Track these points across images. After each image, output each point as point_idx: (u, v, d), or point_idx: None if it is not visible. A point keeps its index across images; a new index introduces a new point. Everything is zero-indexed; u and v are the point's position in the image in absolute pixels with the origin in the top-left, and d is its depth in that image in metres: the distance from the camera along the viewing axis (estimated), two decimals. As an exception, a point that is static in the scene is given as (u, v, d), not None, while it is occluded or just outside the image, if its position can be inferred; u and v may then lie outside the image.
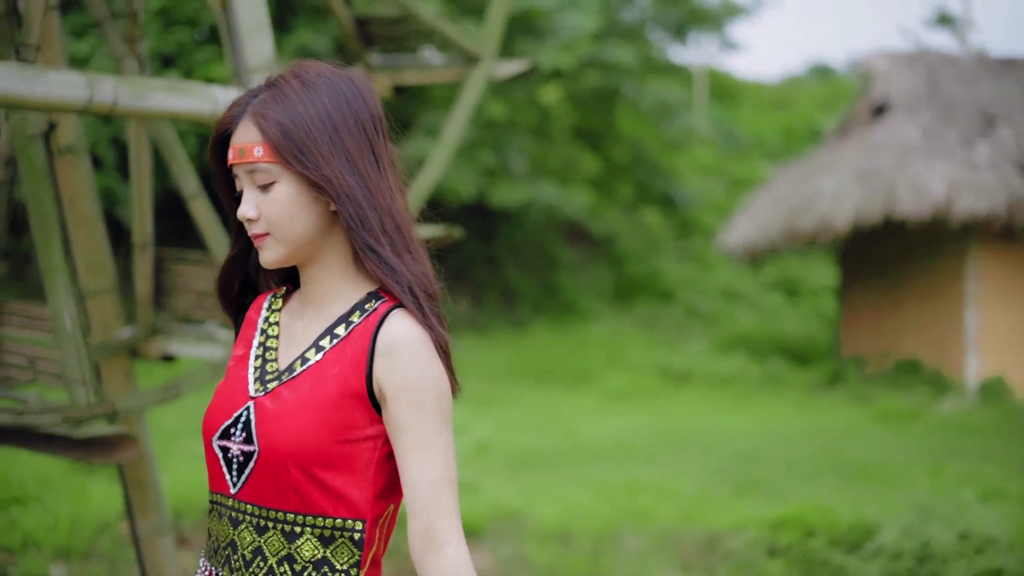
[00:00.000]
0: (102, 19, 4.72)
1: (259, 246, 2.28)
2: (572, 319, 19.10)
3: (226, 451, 2.28)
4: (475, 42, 5.61)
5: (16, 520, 7.25)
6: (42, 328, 4.46)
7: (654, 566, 7.23)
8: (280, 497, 2.22)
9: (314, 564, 2.23)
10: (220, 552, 2.31)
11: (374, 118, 2.28)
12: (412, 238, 2.28)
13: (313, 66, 2.29)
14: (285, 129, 2.20)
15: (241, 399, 2.30)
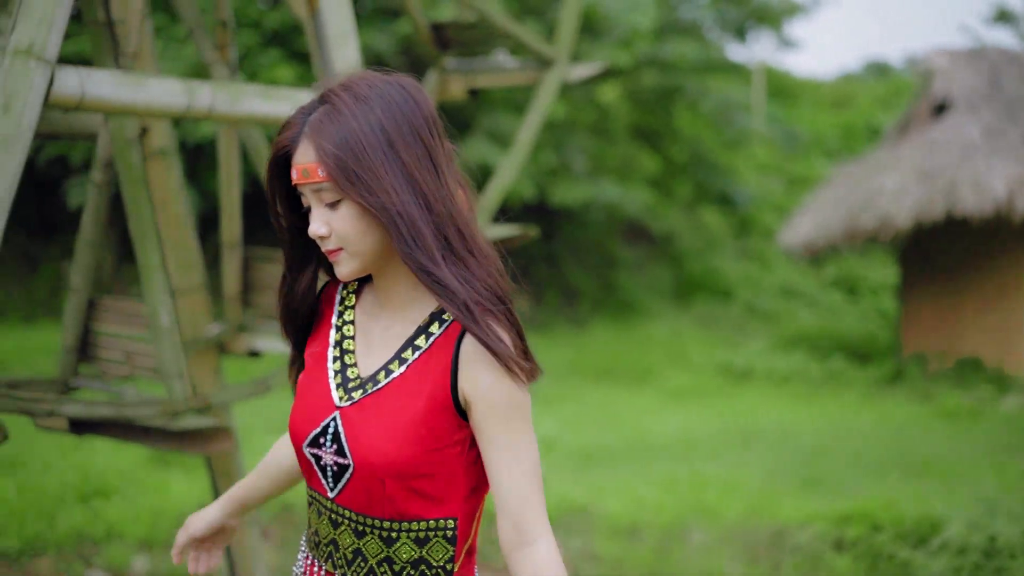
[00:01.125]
0: (193, 27, 4.90)
1: (334, 261, 2.30)
2: (632, 317, 19.19)
3: (318, 459, 2.33)
4: (549, 46, 5.74)
5: (99, 512, 7.46)
6: (138, 324, 4.63)
7: (721, 560, 7.32)
8: (376, 506, 2.29)
9: (412, 564, 2.31)
10: (322, 547, 2.39)
11: (428, 121, 2.28)
12: (475, 239, 2.28)
13: (365, 77, 2.30)
14: (340, 154, 2.20)
15: (326, 407, 2.34)
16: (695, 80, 19.79)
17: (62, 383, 4.69)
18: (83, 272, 4.73)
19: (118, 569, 6.87)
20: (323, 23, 4.37)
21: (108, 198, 4.68)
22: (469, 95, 5.87)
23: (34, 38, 3.55)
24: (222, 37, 4.89)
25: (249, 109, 4.05)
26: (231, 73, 4.90)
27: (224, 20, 4.87)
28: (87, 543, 7.11)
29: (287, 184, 2.35)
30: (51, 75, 3.59)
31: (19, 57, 3.53)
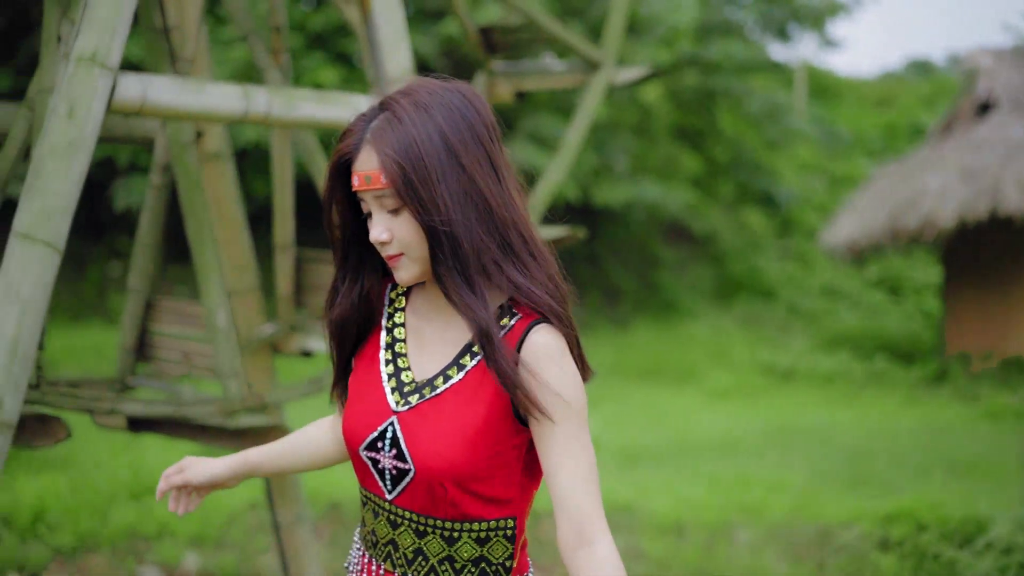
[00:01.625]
0: (248, 32, 4.98)
1: (394, 266, 2.31)
2: (674, 317, 19.20)
3: (376, 462, 2.35)
4: (596, 48, 5.80)
5: (150, 509, 7.57)
6: (194, 324, 4.73)
7: (766, 558, 7.36)
8: (437, 508, 2.30)
9: (472, 562, 2.34)
10: (380, 547, 2.40)
11: (489, 128, 2.30)
12: (536, 242, 2.31)
13: (424, 84, 2.31)
14: (401, 162, 2.21)
15: (382, 411, 2.35)
16: (737, 80, 19.78)
17: (120, 382, 4.79)
18: (141, 274, 4.83)
19: (170, 565, 6.98)
20: (375, 27, 4.44)
21: (166, 200, 4.78)
22: (516, 97, 5.93)
23: (97, 46, 3.64)
24: (276, 42, 4.97)
25: (304, 114, 4.14)
26: (284, 78, 4.98)
27: (278, 25, 4.95)
28: (139, 540, 7.22)
29: (346, 191, 2.36)
30: (114, 82, 3.68)
31: (83, 64, 3.63)
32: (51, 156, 3.59)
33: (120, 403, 4.21)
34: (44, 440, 3.93)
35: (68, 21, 4.19)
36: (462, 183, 2.22)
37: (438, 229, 2.21)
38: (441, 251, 2.23)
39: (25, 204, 3.58)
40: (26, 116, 4.21)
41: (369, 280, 2.43)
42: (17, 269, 3.55)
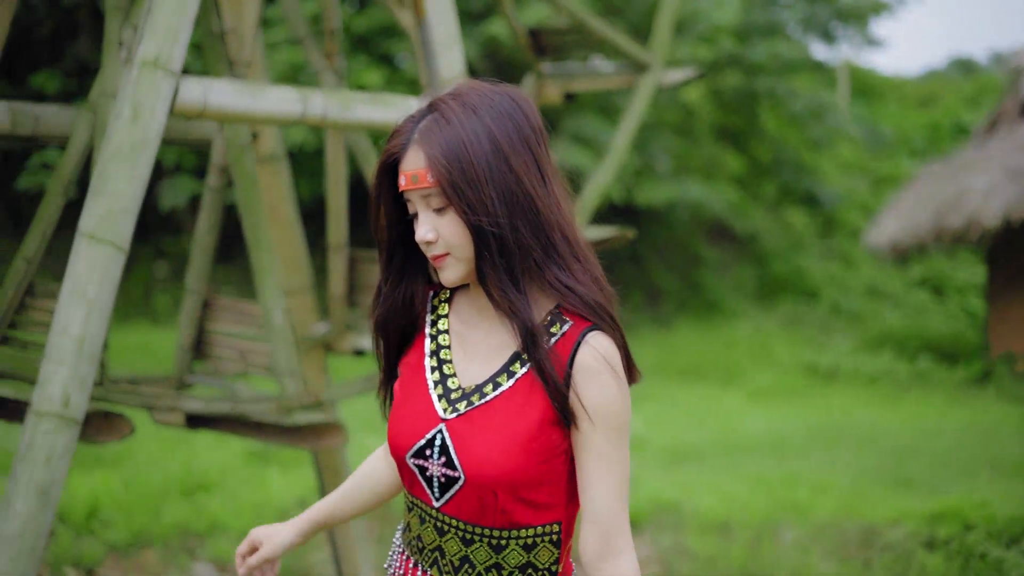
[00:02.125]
0: (302, 36, 5.06)
1: (439, 266, 2.32)
2: (716, 317, 19.20)
3: (423, 469, 2.34)
4: (644, 50, 5.85)
5: (203, 506, 7.68)
6: (251, 323, 4.80)
7: (813, 557, 7.38)
8: (485, 516, 2.31)
9: (519, 568, 2.34)
10: (427, 553, 2.40)
11: (536, 131, 2.31)
12: (581, 246, 2.32)
13: (473, 87, 2.33)
14: (448, 162, 2.23)
15: (430, 419, 2.35)
16: (780, 79, 19.75)
17: (178, 380, 4.87)
18: (198, 274, 4.91)
19: (223, 562, 7.07)
20: (429, 29, 4.51)
21: (222, 202, 4.86)
22: (565, 99, 5.99)
23: (160, 50, 3.72)
24: (330, 45, 5.05)
25: (359, 116, 4.21)
26: (339, 80, 5.05)
27: (332, 29, 5.03)
28: (192, 536, 7.32)
29: (393, 191, 2.38)
30: (176, 85, 3.76)
31: (146, 68, 3.71)
32: (116, 158, 3.67)
33: (180, 400, 4.30)
34: (108, 436, 4.02)
35: (129, 26, 4.28)
36: (508, 184, 2.24)
37: (484, 229, 2.22)
38: (487, 250, 2.24)
39: (90, 205, 3.66)
40: (88, 119, 4.30)
41: (414, 282, 2.45)
42: (83, 269, 3.64)
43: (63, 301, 3.63)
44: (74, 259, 3.65)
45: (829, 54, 26.30)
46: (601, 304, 2.30)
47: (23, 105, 4.45)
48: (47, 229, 4.33)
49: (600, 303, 2.29)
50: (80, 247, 3.65)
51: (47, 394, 3.59)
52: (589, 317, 2.29)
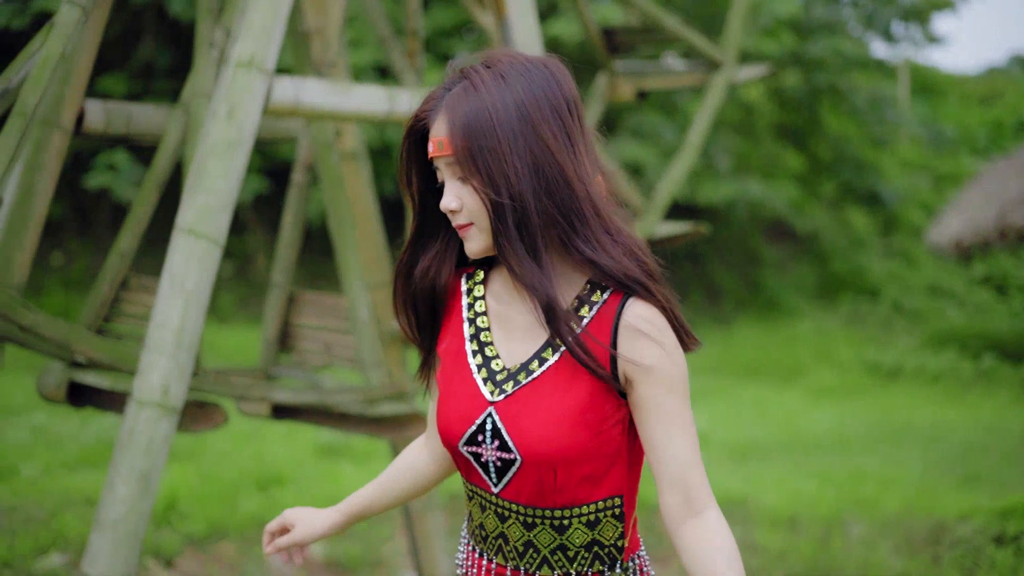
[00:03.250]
0: (385, 36, 5.17)
1: (464, 236, 2.28)
2: (776, 316, 19.18)
3: (478, 456, 2.30)
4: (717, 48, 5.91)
5: (276, 499, 7.81)
6: (335, 317, 4.92)
7: (881, 552, 7.40)
8: (544, 497, 2.27)
9: (585, 547, 2.31)
10: (490, 541, 2.37)
11: (569, 102, 2.25)
12: (611, 220, 2.25)
13: (506, 55, 2.28)
14: (468, 131, 2.19)
15: (478, 404, 2.30)
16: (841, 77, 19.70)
17: (263, 372, 4.99)
18: (284, 268, 5.03)
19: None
20: (510, 29, 4.59)
21: (307, 199, 4.98)
22: (638, 97, 6.06)
23: (255, 50, 3.83)
24: (412, 45, 5.15)
25: (444, 113, 4.29)
26: (419, 79, 5.16)
27: (414, 29, 5.13)
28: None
29: (422, 158, 2.34)
30: (269, 84, 3.87)
31: (241, 68, 3.82)
32: (212, 155, 3.78)
33: (269, 391, 4.41)
34: (203, 425, 4.13)
35: (220, 28, 4.40)
36: (534, 155, 2.18)
37: (501, 201, 2.18)
38: (502, 223, 2.19)
39: (188, 201, 3.78)
40: (181, 118, 4.42)
41: (445, 252, 2.41)
42: (181, 262, 3.75)
43: (162, 294, 3.75)
44: (172, 253, 3.77)
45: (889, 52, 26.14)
46: (634, 276, 2.23)
47: (117, 104, 4.57)
48: (141, 225, 4.45)
49: (632, 275, 2.23)
50: (178, 241, 3.77)
51: (148, 384, 3.70)
52: (625, 287, 2.24)
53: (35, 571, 6.44)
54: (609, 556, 2.33)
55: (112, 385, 4.24)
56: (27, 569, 6.44)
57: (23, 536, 6.69)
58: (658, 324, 2.23)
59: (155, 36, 17.70)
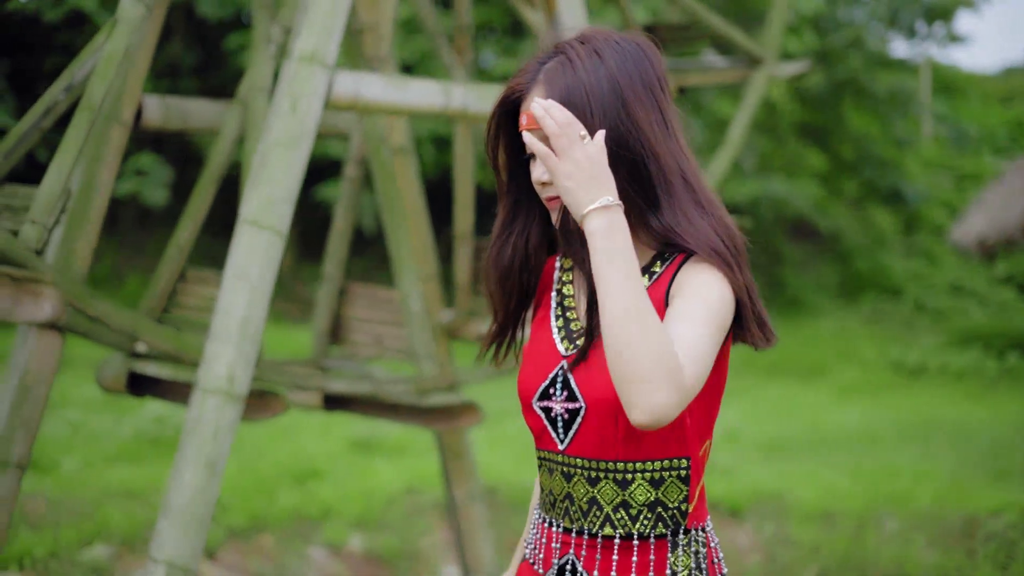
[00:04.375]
0: (435, 32, 5.24)
1: (553, 208, 2.32)
2: (799, 314, 19.19)
3: (548, 411, 2.34)
4: (758, 45, 5.96)
5: (314, 493, 7.89)
6: (387, 309, 4.99)
7: (915, 546, 7.45)
8: (607, 448, 2.29)
9: (648, 506, 2.30)
10: (558, 505, 2.38)
11: (660, 80, 2.29)
12: (704, 192, 2.29)
13: (599, 31, 2.31)
14: (572, 97, 2.22)
15: (553, 359, 2.34)
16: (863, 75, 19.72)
17: (315, 363, 5.06)
18: (336, 262, 5.10)
19: (336, 546, 7.27)
20: (560, 27, 4.65)
21: (359, 193, 5.05)
22: (678, 93, 6.11)
23: (317, 45, 3.91)
24: (461, 41, 5.22)
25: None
26: (468, 75, 5.22)
27: (464, 24, 5.20)
28: (305, 522, 7.52)
29: (511, 132, 2.36)
30: (330, 79, 3.94)
31: (303, 63, 3.89)
32: (275, 148, 3.86)
33: (326, 381, 4.49)
34: (263, 413, 4.21)
35: (277, 24, 4.48)
36: (626, 129, 2.23)
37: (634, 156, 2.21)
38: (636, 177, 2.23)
39: (251, 193, 3.86)
40: (238, 112, 4.50)
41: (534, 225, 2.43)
42: (245, 253, 3.83)
43: (226, 284, 3.82)
44: (236, 244, 3.84)
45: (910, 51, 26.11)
46: (716, 248, 2.24)
47: (174, 100, 4.66)
48: (199, 218, 4.53)
49: (715, 247, 2.24)
50: (242, 233, 3.84)
51: (213, 372, 3.78)
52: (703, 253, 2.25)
53: (80, 562, 6.53)
54: (673, 520, 2.32)
55: (173, 375, 4.32)
56: (73, 560, 6.53)
57: (67, 528, 6.77)
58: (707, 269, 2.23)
59: (183, 35, 17.81)
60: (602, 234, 2.11)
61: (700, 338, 2.15)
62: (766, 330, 2.32)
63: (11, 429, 4.20)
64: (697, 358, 2.13)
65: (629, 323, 2.07)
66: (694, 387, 2.12)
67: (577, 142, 2.15)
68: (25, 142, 4.00)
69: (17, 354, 4.24)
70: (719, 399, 2.39)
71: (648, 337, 2.06)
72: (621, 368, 2.07)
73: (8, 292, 3.80)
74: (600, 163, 2.15)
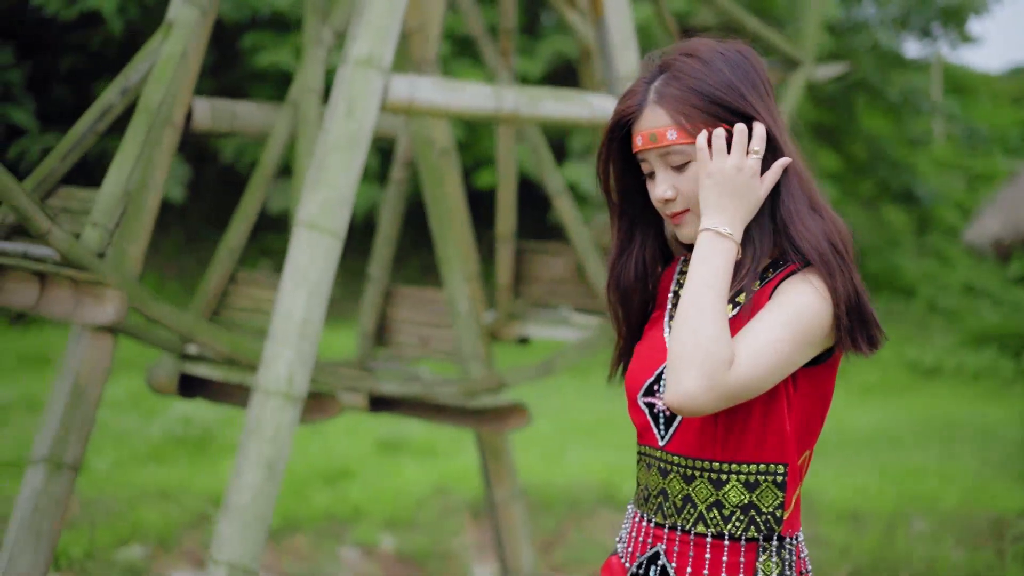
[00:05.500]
0: (478, 35, 5.26)
1: (679, 223, 2.35)
2: (813, 314, 19.19)
3: (652, 407, 2.37)
4: (795, 47, 5.97)
5: (344, 493, 7.91)
6: (433, 310, 5.01)
7: (944, 547, 7.47)
8: (705, 447, 2.31)
9: (741, 508, 2.31)
10: (652, 500, 2.41)
11: (765, 84, 2.34)
12: (816, 194, 2.34)
13: (703, 42, 2.35)
14: (695, 106, 2.27)
15: (660, 356, 2.37)
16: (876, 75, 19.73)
17: (359, 365, 5.09)
18: (381, 264, 5.12)
19: (367, 547, 7.29)
20: (607, 30, 4.67)
21: (406, 195, 5.07)
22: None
23: (373, 49, 3.93)
24: (506, 44, 5.24)
25: (547, 111, 4.38)
26: (512, 78, 5.24)
27: (509, 28, 5.22)
28: (337, 522, 7.55)
29: (623, 154, 2.40)
30: (386, 82, 3.96)
31: (360, 66, 3.92)
32: (333, 151, 3.88)
33: (377, 383, 4.51)
34: (318, 415, 4.24)
35: (328, 27, 4.50)
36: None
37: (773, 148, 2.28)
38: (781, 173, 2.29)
39: (309, 196, 3.88)
40: (289, 115, 4.52)
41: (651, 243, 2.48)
42: (304, 256, 3.85)
43: (285, 287, 3.85)
44: (295, 247, 3.87)
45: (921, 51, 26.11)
46: (824, 253, 2.27)
47: (222, 102, 4.68)
48: (249, 220, 4.55)
49: (823, 252, 2.27)
50: (300, 236, 3.87)
51: (273, 374, 3.81)
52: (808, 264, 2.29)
53: (116, 562, 6.56)
54: (766, 525, 2.33)
55: (225, 377, 4.35)
56: (109, 560, 6.56)
57: (103, 528, 6.80)
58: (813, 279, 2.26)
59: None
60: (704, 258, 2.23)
61: (770, 342, 2.20)
62: (870, 335, 2.36)
63: (65, 430, 4.24)
64: (757, 360, 2.19)
65: (691, 311, 2.19)
66: (741, 386, 2.18)
67: (739, 148, 2.25)
68: (81, 145, 4.03)
69: (70, 356, 4.28)
70: (824, 411, 2.41)
71: (700, 326, 2.18)
72: (671, 346, 2.20)
73: (69, 294, 3.83)
74: (748, 177, 2.25)
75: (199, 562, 6.82)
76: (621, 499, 7.97)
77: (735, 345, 2.20)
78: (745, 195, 2.27)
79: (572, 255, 5.40)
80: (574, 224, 5.27)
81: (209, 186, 17.54)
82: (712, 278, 2.22)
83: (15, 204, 3.56)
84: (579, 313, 5.43)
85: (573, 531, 7.58)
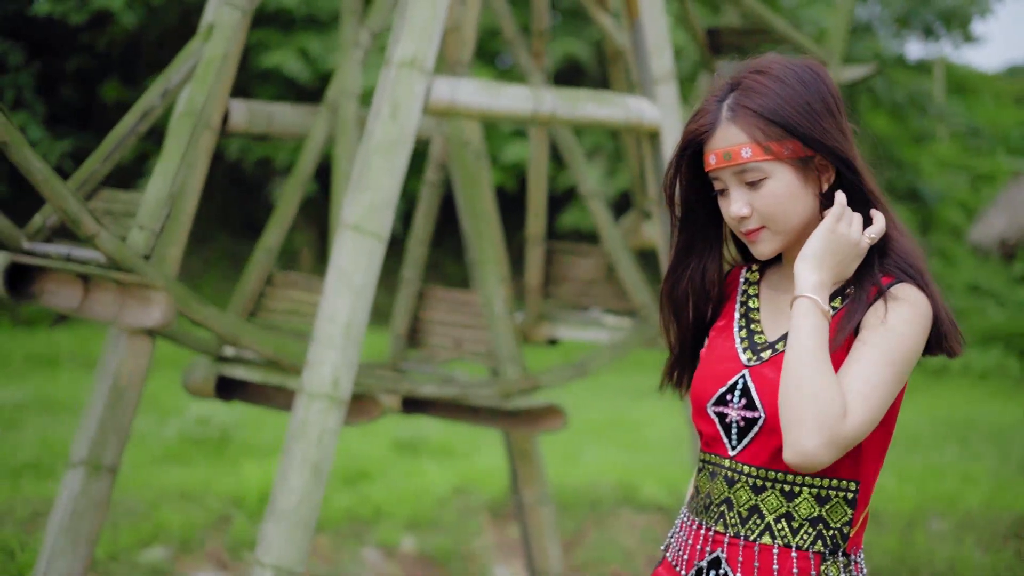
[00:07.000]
0: (511, 36, 5.26)
1: (753, 240, 2.36)
2: (819, 314, 19.19)
3: (723, 417, 2.38)
4: (821, 47, 5.97)
5: (365, 494, 7.91)
6: (466, 312, 5.01)
7: (964, 547, 7.47)
8: (779, 459, 2.30)
9: (810, 522, 2.32)
10: (713, 508, 2.40)
11: (836, 100, 2.35)
12: (892, 212, 2.37)
13: (773, 59, 2.36)
14: (769, 123, 2.28)
15: (733, 367, 2.38)
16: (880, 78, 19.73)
17: (392, 366, 5.08)
18: (415, 265, 5.12)
19: (389, 547, 7.29)
20: (642, 32, 4.67)
21: (441, 196, 5.07)
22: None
23: (416, 51, 3.92)
24: (538, 46, 5.23)
25: (586, 113, 4.38)
26: (545, 80, 5.24)
27: (541, 30, 5.22)
28: (358, 523, 7.54)
29: (693, 171, 2.42)
30: (429, 84, 3.96)
31: (403, 69, 3.92)
32: (377, 153, 3.88)
33: (416, 385, 4.50)
34: (361, 417, 4.24)
35: (366, 28, 4.50)
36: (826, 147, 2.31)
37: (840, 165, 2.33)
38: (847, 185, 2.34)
39: (353, 198, 3.87)
40: (327, 117, 4.52)
41: (709, 259, 2.50)
42: (348, 259, 3.85)
43: (329, 289, 3.84)
44: (338, 250, 3.86)
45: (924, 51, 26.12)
46: (914, 263, 2.34)
47: (258, 104, 4.68)
48: (286, 222, 4.55)
49: (913, 262, 2.34)
50: (344, 238, 3.86)
51: (318, 376, 3.80)
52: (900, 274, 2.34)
53: (140, 563, 6.55)
54: (833, 540, 2.33)
55: (263, 379, 4.34)
56: (132, 561, 6.55)
57: (125, 529, 6.79)
58: (912, 295, 2.31)
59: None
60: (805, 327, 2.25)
61: (878, 384, 2.23)
62: (958, 335, 2.45)
63: (103, 433, 4.25)
64: (869, 404, 2.20)
65: (802, 371, 2.21)
66: (857, 435, 2.19)
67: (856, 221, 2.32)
68: (121, 147, 4.02)
69: (108, 358, 4.28)
70: (893, 426, 2.42)
71: (814, 384, 2.19)
72: (783, 407, 2.22)
73: (113, 297, 3.83)
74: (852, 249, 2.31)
75: (222, 563, 6.82)
76: (641, 500, 7.97)
77: (844, 391, 2.21)
78: (845, 265, 2.32)
79: (602, 256, 5.40)
80: (605, 225, 5.28)
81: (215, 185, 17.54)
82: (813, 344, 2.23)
83: (64, 207, 3.55)
84: (609, 314, 5.43)
85: (594, 532, 7.58)
